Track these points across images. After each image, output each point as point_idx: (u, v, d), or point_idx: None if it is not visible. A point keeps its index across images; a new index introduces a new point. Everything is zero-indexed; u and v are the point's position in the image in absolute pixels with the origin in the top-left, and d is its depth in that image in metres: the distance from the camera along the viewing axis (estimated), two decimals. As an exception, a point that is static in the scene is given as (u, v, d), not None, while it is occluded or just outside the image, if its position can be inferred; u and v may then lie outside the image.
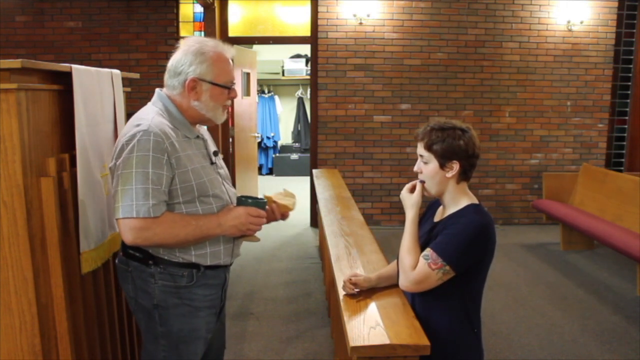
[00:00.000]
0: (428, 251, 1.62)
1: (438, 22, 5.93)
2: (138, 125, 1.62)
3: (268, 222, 1.87)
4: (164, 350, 1.75)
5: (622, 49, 6.23)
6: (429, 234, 1.73)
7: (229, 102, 1.81)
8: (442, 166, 1.67)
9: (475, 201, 1.72)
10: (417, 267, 1.62)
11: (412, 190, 1.76)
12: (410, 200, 1.75)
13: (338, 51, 5.93)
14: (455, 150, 1.64)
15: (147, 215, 1.57)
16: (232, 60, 1.81)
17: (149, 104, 1.77)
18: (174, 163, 1.63)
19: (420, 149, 1.70)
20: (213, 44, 1.74)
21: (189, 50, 1.71)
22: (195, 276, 1.73)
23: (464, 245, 1.59)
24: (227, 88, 1.76)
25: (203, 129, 1.91)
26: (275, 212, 1.87)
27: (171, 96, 1.75)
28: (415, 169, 1.75)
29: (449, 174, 1.67)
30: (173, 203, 1.66)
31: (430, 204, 1.90)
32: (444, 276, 1.60)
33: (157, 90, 1.79)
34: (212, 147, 1.88)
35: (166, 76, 1.76)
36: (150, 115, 1.67)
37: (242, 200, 1.76)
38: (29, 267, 1.63)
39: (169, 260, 1.70)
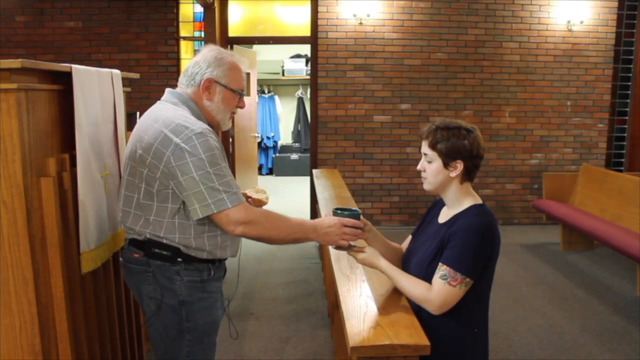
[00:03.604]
0: (444, 269, 1.60)
1: (438, 22, 5.93)
2: (187, 127, 1.64)
3: None
4: (188, 345, 1.78)
5: (622, 49, 6.23)
6: (435, 236, 1.72)
7: (237, 111, 1.89)
8: (446, 165, 1.66)
9: (479, 201, 1.72)
10: (437, 289, 1.60)
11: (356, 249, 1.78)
12: (368, 257, 1.75)
13: (338, 51, 5.93)
14: (460, 150, 1.64)
15: (240, 201, 1.65)
16: (245, 74, 1.89)
17: (168, 104, 1.76)
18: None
19: (425, 147, 1.69)
20: (230, 53, 1.85)
21: (207, 55, 1.80)
22: (212, 269, 1.80)
23: (474, 252, 1.59)
24: (239, 94, 1.84)
25: None
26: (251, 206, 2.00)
27: (189, 95, 1.80)
28: (419, 167, 1.74)
29: (453, 174, 1.67)
30: None
31: (432, 204, 1.90)
32: (466, 288, 1.60)
33: (170, 90, 1.82)
34: None
35: (181, 77, 1.83)
36: (189, 116, 1.72)
37: (338, 213, 1.80)
38: (29, 267, 1.63)
39: (194, 256, 1.74)
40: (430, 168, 1.69)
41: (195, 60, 1.81)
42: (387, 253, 1.84)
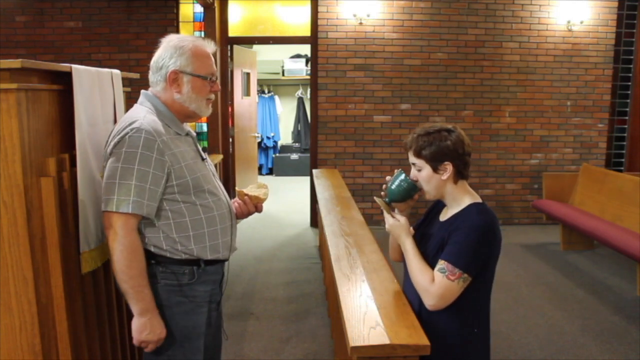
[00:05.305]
0: (442, 264, 1.61)
1: (438, 22, 5.93)
2: (130, 124, 1.64)
3: (244, 216, 1.95)
4: (167, 349, 1.76)
5: (622, 49, 6.23)
6: (436, 234, 1.73)
7: (212, 96, 1.84)
8: (435, 170, 1.67)
9: (478, 199, 1.72)
10: (436, 282, 1.61)
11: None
12: (399, 228, 1.78)
13: (338, 51, 5.93)
14: (445, 152, 1.65)
15: (126, 210, 1.59)
16: (214, 56, 1.85)
17: (136, 105, 1.79)
18: (167, 160, 1.65)
19: (411, 157, 1.72)
20: (191, 39, 1.79)
21: (168, 45, 1.76)
22: (196, 273, 1.75)
23: (474, 249, 1.60)
24: (207, 79, 1.79)
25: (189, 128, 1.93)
26: (248, 204, 1.94)
27: (157, 94, 1.78)
28: (411, 177, 1.75)
29: (444, 176, 1.68)
30: (170, 200, 1.69)
31: (434, 203, 1.90)
32: (464, 283, 1.61)
33: (142, 91, 1.82)
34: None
35: (150, 74, 1.80)
36: (142, 114, 1.70)
37: (402, 178, 1.74)
38: (29, 267, 1.63)
39: (170, 257, 1.71)
40: (422, 176, 1.71)
41: (158, 54, 1.76)
42: None
